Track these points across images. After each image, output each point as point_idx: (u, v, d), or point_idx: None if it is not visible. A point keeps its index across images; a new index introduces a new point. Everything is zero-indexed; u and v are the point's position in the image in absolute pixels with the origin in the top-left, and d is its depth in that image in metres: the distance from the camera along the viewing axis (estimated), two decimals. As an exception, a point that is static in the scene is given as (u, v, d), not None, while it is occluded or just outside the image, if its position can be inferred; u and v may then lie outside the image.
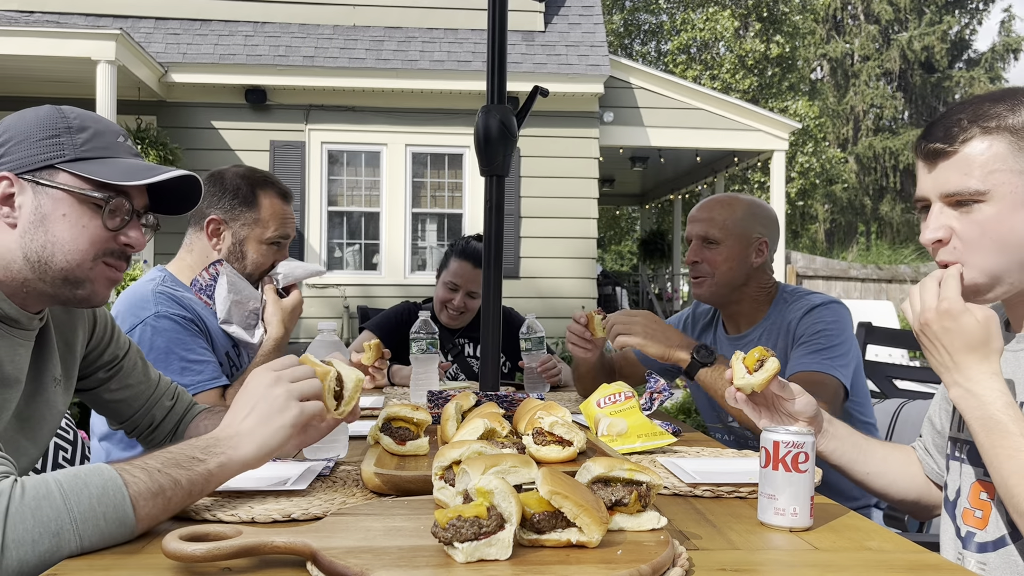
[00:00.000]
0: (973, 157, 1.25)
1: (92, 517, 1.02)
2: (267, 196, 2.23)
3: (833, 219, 29.49)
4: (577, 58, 10.11)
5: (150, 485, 1.08)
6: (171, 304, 2.05)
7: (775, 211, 2.37)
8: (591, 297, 10.28)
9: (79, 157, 1.30)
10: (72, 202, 1.30)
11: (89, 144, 1.31)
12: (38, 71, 8.61)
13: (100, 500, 1.03)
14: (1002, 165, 1.24)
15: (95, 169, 1.30)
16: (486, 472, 1.02)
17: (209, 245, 2.20)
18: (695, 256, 2.28)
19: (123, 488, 1.05)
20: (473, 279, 3.16)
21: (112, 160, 1.33)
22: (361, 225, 10.23)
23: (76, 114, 1.33)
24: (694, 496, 1.37)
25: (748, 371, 1.43)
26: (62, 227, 1.29)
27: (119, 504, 1.04)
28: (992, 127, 1.25)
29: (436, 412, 1.84)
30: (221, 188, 2.21)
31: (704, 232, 2.27)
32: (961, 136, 1.26)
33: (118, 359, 1.61)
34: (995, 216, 1.24)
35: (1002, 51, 29.37)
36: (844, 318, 2.12)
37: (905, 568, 1.05)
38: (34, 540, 0.98)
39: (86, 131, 1.32)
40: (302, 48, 9.86)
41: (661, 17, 24.53)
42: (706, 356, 2.02)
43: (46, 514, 0.99)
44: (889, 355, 5.83)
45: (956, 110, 1.31)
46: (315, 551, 0.97)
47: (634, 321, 2.10)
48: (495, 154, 2.27)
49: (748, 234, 2.25)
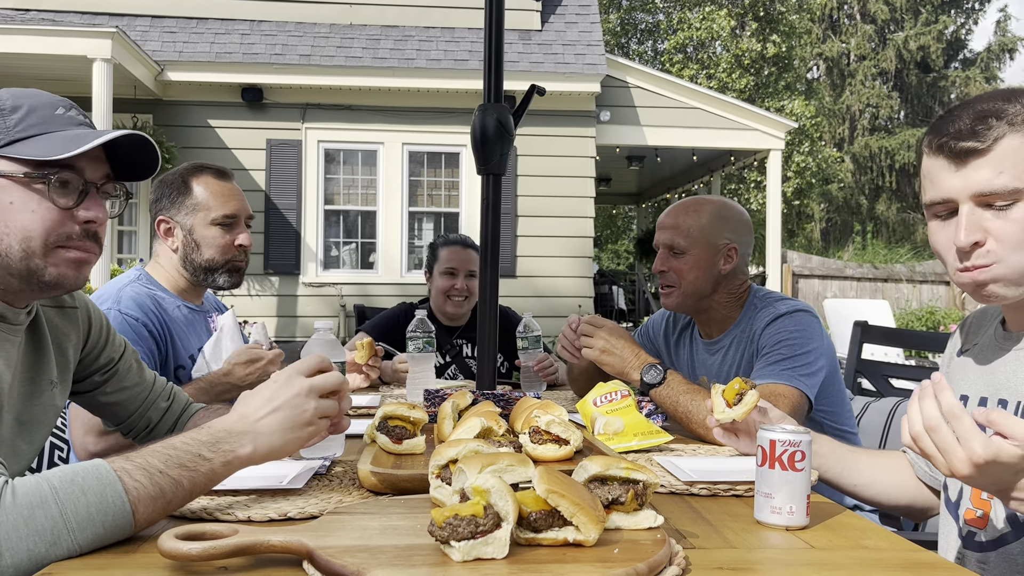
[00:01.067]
0: (1007, 154, 1.21)
1: (90, 525, 1.00)
2: (199, 180, 2.25)
3: (829, 218, 29.53)
4: (574, 57, 10.11)
5: (150, 490, 1.05)
6: (131, 306, 2.07)
7: (745, 213, 2.29)
8: (588, 296, 10.29)
9: (13, 139, 1.22)
10: (16, 188, 1.23)
11: (23, 123, 1.23)
12: (34, 69, 8.58)
13: (99, 508, 1.01)
14: (1013, 163, 1.21)
15: (30, 149, 1.23)
16: (483, 471, 1.02)
17: (167, 246, 2.24)
18: (662, 265, 2.22)
19: (123, 494, 1.02)
20: (468, 259, 3.23)
21: (50, 135, 1.25)
22: (358, 224, 10.22)
23: (9, 95, 1.26)
24: (690, 495, 1.38)
25: (727, 404, 1.48)
26: (11, 215, 1.23)
27: (118, 510, 1.02)
28: (1019, 123, 1.21)
29: (432, 411, 1.84)
30: (160, 188, 2.25)
31: (670, 241, 2.21)
32: (993, 134, 1.22)
33: (113, 362, 1.60)
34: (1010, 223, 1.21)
35: (998, 51, 29.42)
36: (809, 326, 2.06)
37: (901, 566, 1.05)
38: (29, 548, 0.96)
39: (19, 110, 1.24)
40: (299, 47, 9.84)
41: (658, 16, 24.54)
42: (654, 377, 1.98)
43: (40, 523, 0.97)
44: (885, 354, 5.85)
45: (973, 108, 1.26)
46: (311, 550, 0.97)
47: (597, 333, 2.08)
48: (492, 153, 2.27)
49: (715, 241, 2.18)
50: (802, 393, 1.94)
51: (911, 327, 11.85)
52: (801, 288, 14.31)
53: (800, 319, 2.07)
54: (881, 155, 28.09)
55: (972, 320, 1.51)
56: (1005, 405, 1.32)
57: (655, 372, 1.98)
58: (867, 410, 2.47)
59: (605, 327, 2.09)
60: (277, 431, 1.17)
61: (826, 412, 2.11)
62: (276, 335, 9.59)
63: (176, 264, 2.24)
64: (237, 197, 2.29)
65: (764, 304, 2.17)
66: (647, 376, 1.98)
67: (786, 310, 2.10)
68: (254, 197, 9.43)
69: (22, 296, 1.31)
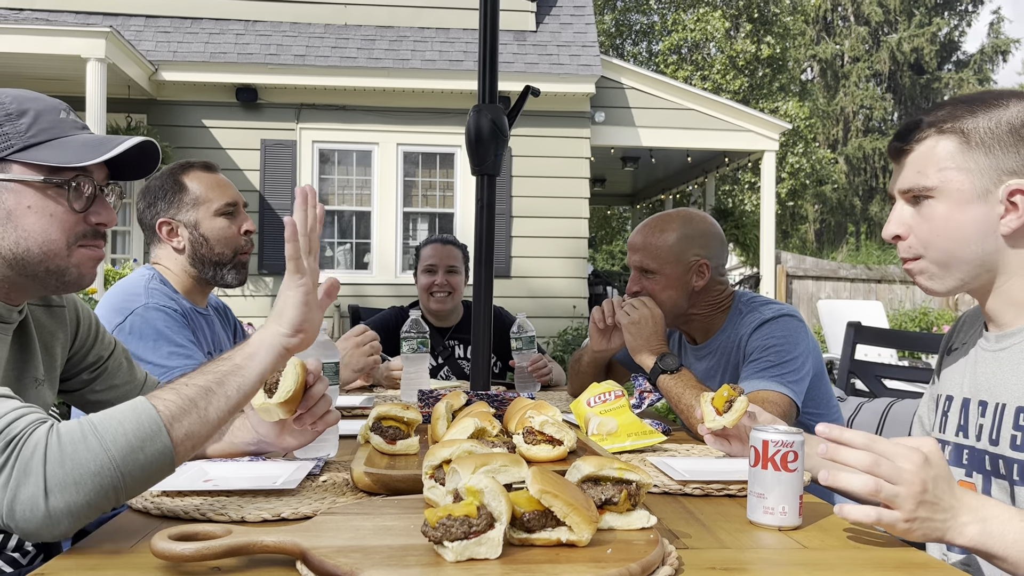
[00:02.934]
0: (926, 155, 1.32)
1: (130, 451, 1.03)
2: (190, 175, 2.25)
3: (823, 219, 29.59)
4: (568, 58, 10.12)
5: (180, 402, 1.09)
6: (162, 298, 2.11)
7: (714, 223, 2.29)
8: (582, 297, 10.29)
9: (28, 144, 1.25)
10: (34, 193, 1.26)
11: (34, 128, 1.26)
12: (27, 69, 8.56)
13: (136, 433, 1.04)
14: (951, 163, 1.30)
15: (48, 154, 1.26)
16: (476, 471, 1.02)
17: (172, 247, 2.23)
18: (635, 286, 2.23)
19: (155, 415, 1.06)
20: (447, 255, 3.28)
21: (62, 140, 1.28)
22: (352, 224, 10.21)
23: (11, 98, 1.28)
24: (684, 495, 1.38)
25: (717, 412, 1.50)
26: (31, 220, 1.26)
27: (153, 430, 1.05)
28: (947, 128, 1.31)
29: (426, 411, 1.84)
30: (151, 193, 2.24)
31: (640, 263, 2.22)
32: (917, 135, 1.33)
33: (103, 360, 1.60)
34: (944, 212, 1.31)
35: (991, 53, 29.54)
36: (795, 331, 2.07)
37: (893, 566, 1.06)
38: (76, 482, 1.00)
39: (26, 115, 1.26)
40: (293, 47, 9.83)
41: (652, 18, 24.55)
42: (669, 364, 2.03)
43: (83, 456, 1.01)
44: (879, 354, 5.86)
45: (924, 111, 1.37)
46: (305, 550, 0.97)
47: (640, 308, 2.14)
48: (486, 153, 2.27)
49: (684, 259, 2.18)
50: (790, 399, 1.96)
51: (904, 328, 11.88)
52: (795, 289, 14.34)
53: (786, 324, 2.09)
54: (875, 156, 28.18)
55: (965, 319, 1.52)
56: (984, 407, 1.33)
57: (671, 360, 2.05)
58: (860, 411, 2.47)
59: (652, 310, 2.15)
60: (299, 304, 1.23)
61: (813, 414, 2.13)
62: (270, 335, 9.56)
63: (183, 264, 2.23)
64: (231, 186, 2.30)
65: (749, 309, 2.19)
66: (662, 362, 2.04)
67: (771, 315, 2.11)
68: (248, 197, 9.40)
69: (27, 293, 1.34)
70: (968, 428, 1.36)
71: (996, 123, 1.28)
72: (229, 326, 2.49)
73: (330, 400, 1.40)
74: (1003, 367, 1.32)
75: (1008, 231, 1.28)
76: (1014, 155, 1.27)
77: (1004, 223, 1.28)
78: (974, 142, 1.28)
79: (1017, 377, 1.29)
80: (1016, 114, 1.28)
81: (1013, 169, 1.27)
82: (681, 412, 1.97)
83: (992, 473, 1.30)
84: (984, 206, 1.28)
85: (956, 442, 1.38)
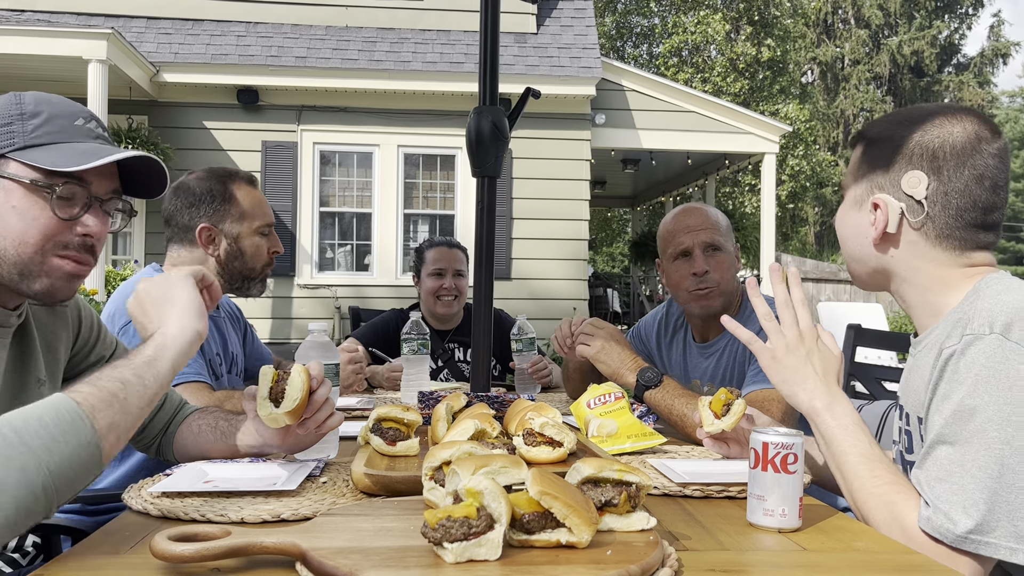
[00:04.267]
0: (853, 159, 1.43)
1: (52, 443, 1.00)
2: (239, 188, 2.26)
3: (823, 222, 29.60)
4: (569, 60, 10.13)
5: (99, 394, 1.08)
6: None
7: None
8: (582, 299, 10.30)
9: (28, 144, 1.24)
10: (22, 192, 1.24)
11: (40, 130, 1.25)
12: (29, 70, 8.57)
13: (56, 424, 1.02)
14: (855, 170, 1.41)
15: (42, 156, 1.24)
16: (476, 473, 1.02)
17: (202, 254, 2.21)
18: (705, 266, 2.18)
19: (74, 406, 1.04)
20: (454, 258, 3.28)
21: (64, 145, 1.26)
22: (353, 226, 10.21)
23: (33, 99, 1.27)
24: (683, 496, 1.38)
25: (716, 416, 1.50)
26: (12, 219, 1.24)
27: (75, 422, 1.03)
28: (867, 136, 1.41)
29: (427, 413, 1.84)
30: (194, 196, 2.21)
31: (710, 239, 2.19)
32: (856, 142, 1.45)
33: (104, 359, 1.59)
34: (840, 214, 1.45)
35: (991, 56, 29.56)
36: None
37: (893, 569, 1.06)
38: (0, 480, 0.95)
39: (39, 116, 1.26)
40: (294, 48, 9.84)
41: (653, 20, 24.57)
42: (651, 379, 1.99)
43: (4, 453, 0.97)
44: (878, 357, 5.85)
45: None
46: (304, 551, 0.97)
47: (596, 334, 2.10)
48: (487, 155, 2.27)
49: (733, 240, 2.25)
50: None
51: (904, 331, 11.87)
52: (795, 291, 14.31)
53: None
54: (875, 159, 28.15)
55: None
56: (902, 411, 1.39)
57: (651, 374, 2.00)
58: (860, 413, 2.47)
59: (605, 329, 2.12)
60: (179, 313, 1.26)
61: None
62: (271, 337, 9.58)
63: (211, 271, 2.22)
64: (269, 206, 2.35)
65: None
66: (643, 377, 2.00)
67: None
68: (249, 199, 9.39)
69: (11, 296, 1.31)
70: (900, 434, 1.40)
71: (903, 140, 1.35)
72: (240, 328, 2.50)
73: (333, 404, 1.40)
74: (912, 374, 1.37)
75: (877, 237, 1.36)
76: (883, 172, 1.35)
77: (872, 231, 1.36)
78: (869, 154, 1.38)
79: (913, 385, 1.34)
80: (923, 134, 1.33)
81: (881, 184, 1.35)
82: (674, 423, 1.94)
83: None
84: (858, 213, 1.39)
85: (898, 449, 1.41)
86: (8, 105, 1.26)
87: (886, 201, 1.34)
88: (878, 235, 1.35)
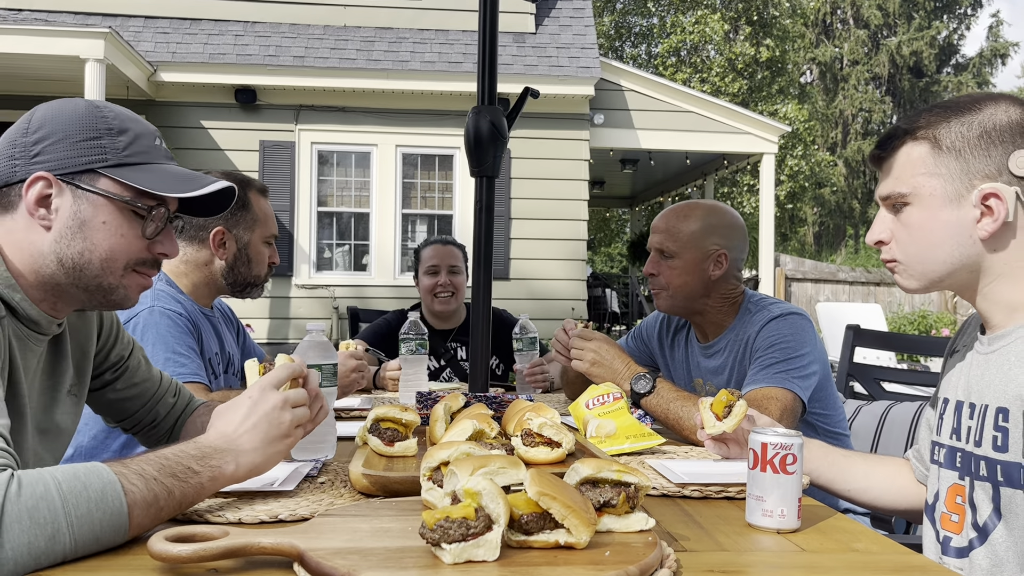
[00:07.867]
0: (902, 162, 1.35)
1: (88, 522, 0.99)
2: (255, 196, 2.30)
3: (822, 222, 29.63)
4: (568, 60, 10.12)
5: (146, 495, 1.05)
6: (169, 301, 2.11)
7: (738, 218, 2.30)
8: (581, 299, 10.30)
9: (122, 163, 1.27)
10: (113, 210, 1.28)
11: (131, 148, 1.28)
12: (26, 69, 8.55)
13: (98, 505, 1.00)
14: (923, 169, 1.32)
15: (140, 177, 1.28)
16: (474, 473, 1.02)
17: (210, 256, 2.23)
18: (652, 269, 2.24)
19: (122, 496, 1.02)
20: (448, 254, 3.30)
21: (153, 167, 1.31)
22: (351, 226, 10.20)
23: (114, 114, 1.30)
24: (682, 497, 1.38)
25: (717, 417, 1.50)
26: (101, 235, 1.27)
27: (116, 511, 1.02)
28: (920, 134, 1.32)
29: (425, 413, 1.84)
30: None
31: (660, 244, 2.22)
32: (892, 143, 1.36)
33: (124, 359, 1.60)
34: (919, 217, 1.33)
35: (990, 56, 29.60)
36: (802, 329, 2.07)
37: (891, 570, 1.06)
38: (29, 542, 0.95)
39: (126, 133, 1.29)
40: (292, 48, 9.83)
41: (651, 20, 24.58)
42: (644, 387, 2.00)
43: (43, 515, 0.96)
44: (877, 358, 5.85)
45: (903, 119, 1.40)
46: (302, 552, 0.97)
47: (587, 347, 2.10)
48: (485, 155, 2.27)
49: (703, 247, 2.19)
50: (795, 395, 1.95)
51: (903, 331, 11.89)
52: (794, 291, 14.35)
53: (793, 322, 2.08)
54: (874, 159, 28.18)
55: (969, 322, 1.52)
56: (973, 409, 1.34)
57: (644, 382, 2.00)
58: (859, 413, 2.47)
59: (595, 339, 2.11)
60: (258, 447, 1.19)
61: (819, 415, 2.13)
62: (269, 337, 9.58)
63: (215, 272, 2.25)
64: (275, 218, 2.39)
65: (758, 309, 2.18)
66: (637, 386, 2.00)
67: (780, 313, 2.11)
68: (247, 198, 9.39)
69: (71, 304, 1.34)
70: (960, 431, 1.36)
71: (968, 127, 1.29)
72: (233, 327, 2.51)
73: (322, 398, 1.38)
74: (991, 369, 1.32)
75: (985, 234, 1.28)
76: (984, 158, 1.27)
77: (980, 227, 1.28)
78: (944, 146, 1.30)
79: (1000, 378, 1.29)
80: (987, 117, 1.28)
81: (985, 172, 1.27)
82: (672, 427, 1.94)
83: (975, 476, 1.30)
84: (958, 210, 1.29)
85: (950, 445, 1.38)
86: (93, 117, 1.27)
87: (999, 189, 1.25)
88: (996, 227, 1.26)
